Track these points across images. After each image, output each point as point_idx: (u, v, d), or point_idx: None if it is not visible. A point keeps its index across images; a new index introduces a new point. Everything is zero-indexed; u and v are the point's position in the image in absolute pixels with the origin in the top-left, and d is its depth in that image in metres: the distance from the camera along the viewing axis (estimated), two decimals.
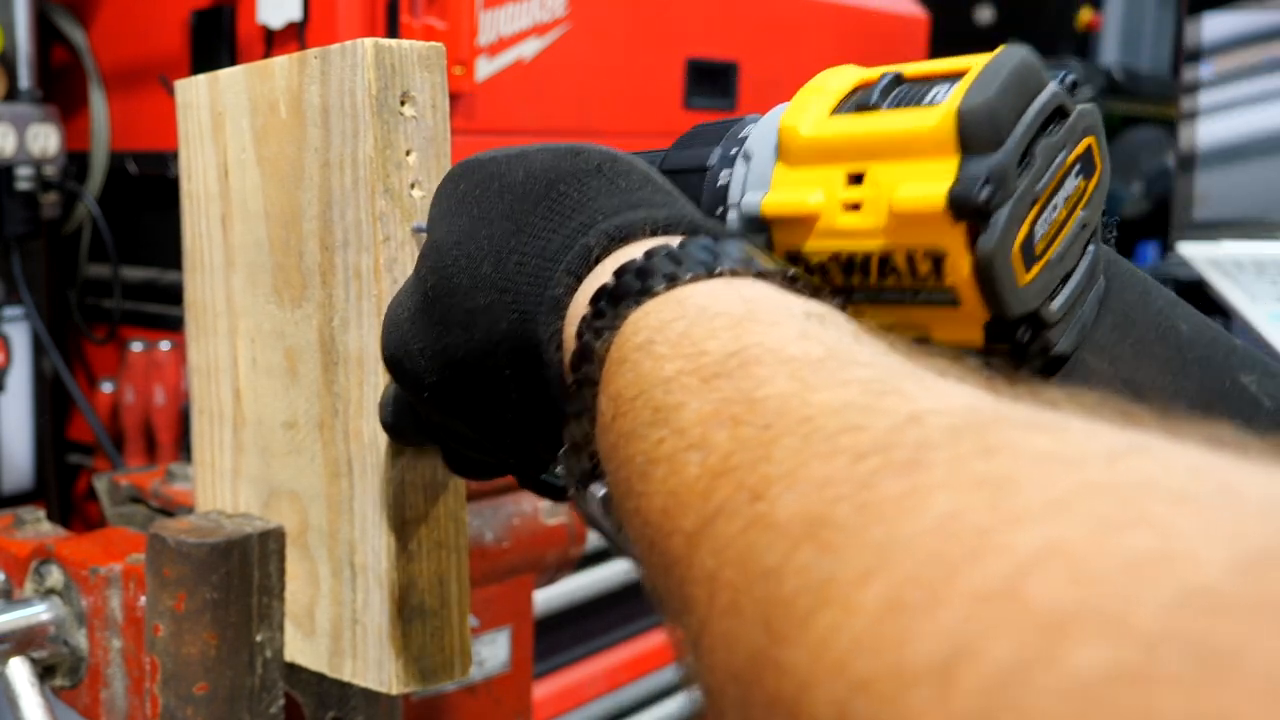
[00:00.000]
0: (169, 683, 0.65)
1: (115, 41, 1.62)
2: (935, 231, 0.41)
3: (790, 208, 0.45)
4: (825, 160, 0.44)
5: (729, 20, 1.80)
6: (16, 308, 1.53)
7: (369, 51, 0.59)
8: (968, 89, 0.40)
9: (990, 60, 0.42)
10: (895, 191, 0.41)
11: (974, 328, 0.42)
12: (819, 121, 0.45)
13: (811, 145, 0.44)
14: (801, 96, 0.46)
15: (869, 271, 0.43)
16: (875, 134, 0.43)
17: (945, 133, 0.40)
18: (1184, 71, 2.02)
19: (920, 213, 0.41)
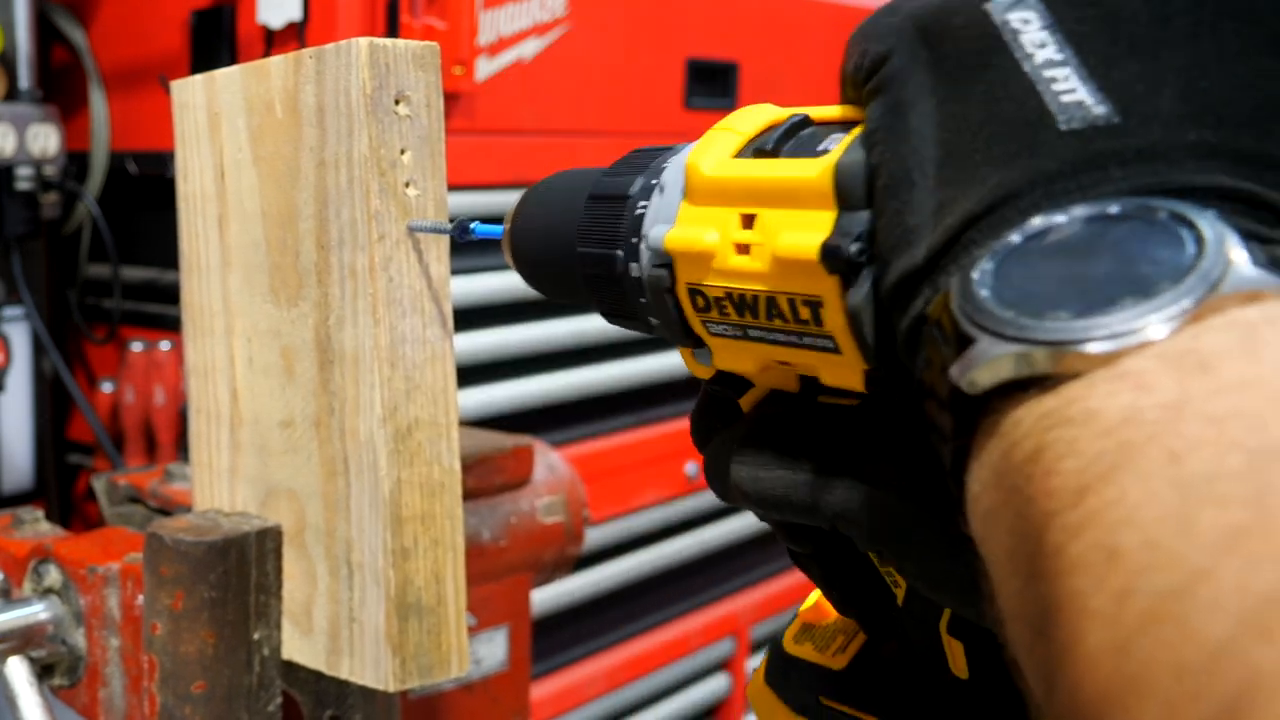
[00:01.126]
0: (167, 681, 0.65)
1: (115, 41, 1.63)
2: (811, 280, 0.41)
3: (688, 244, 0.46)
4: (722, 201, 0.45)
5: (729, 20, 1.80)
6: (16, 308, 1.53)
7: (363, 51, 0.59)
8: (849, 143, 0.41)
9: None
10: (778, 238, 0.42)
11: (855, 375, 0.43)
12: (719, 162, 0.46)
13: (710, 185, 0.45)
14: (710, 135, 0.47)
15: (758, 312, 0.44)
16: (766, 180, 0.43)
17: (823, 186, 0.41)
18: None
19: (797, 261, 0.41)
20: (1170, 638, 0.23)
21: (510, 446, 0.86)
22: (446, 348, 0.63)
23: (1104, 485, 0.26)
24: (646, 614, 1.97)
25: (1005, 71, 0.35)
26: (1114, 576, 0.25)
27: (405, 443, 0.63)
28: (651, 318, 0.48)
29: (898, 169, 0.37)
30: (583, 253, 0.51)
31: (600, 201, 0.52)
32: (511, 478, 0.86)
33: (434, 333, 0.63)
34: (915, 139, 0.36)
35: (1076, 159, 0.32)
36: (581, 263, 0.52)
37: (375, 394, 0.62)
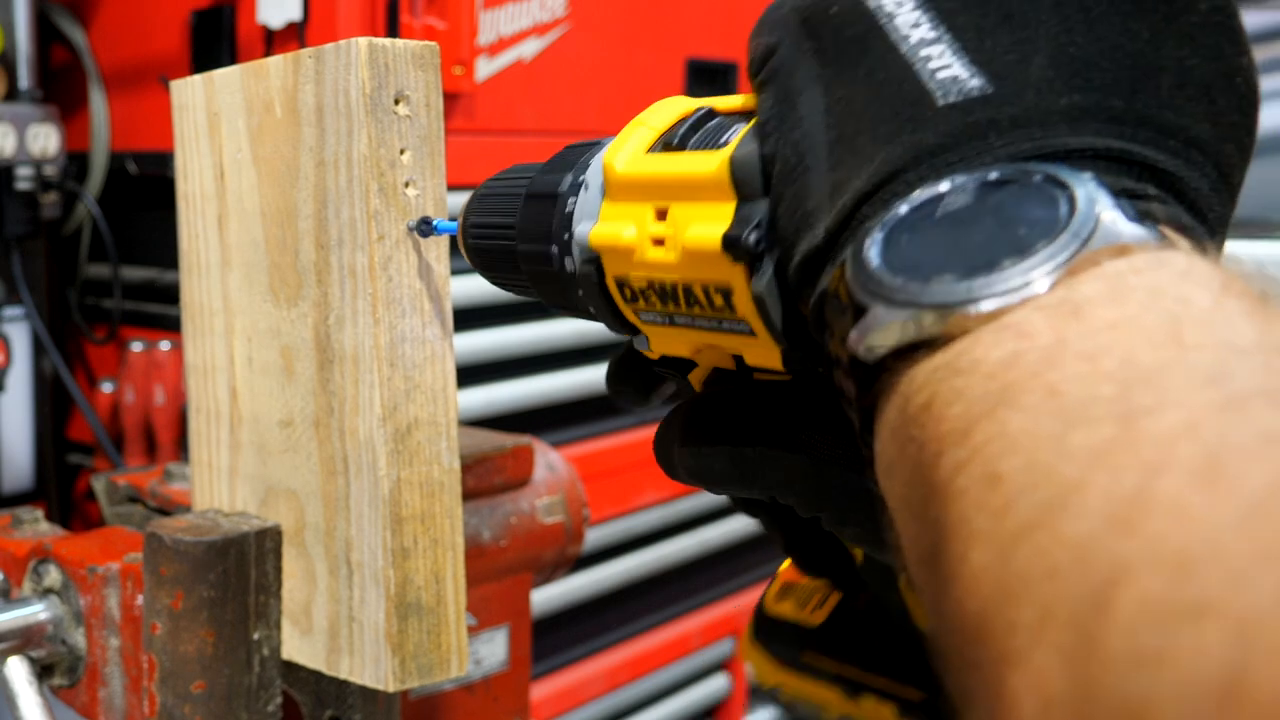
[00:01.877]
0: (167, 681, 0.65)
1: (115, 41, 1.63)
2: (718, 269, 0.43)
3: (610, 240, 0.47)
4: (636, 197, 0.47)
5: (729, 20, 1.80)
6: (16, 308, 1.53)
7: (363, 50, 0.59)
8: (744, 135, 0.42)
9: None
10: (686, 230, 0.44)
11: (774, 355, 0.44)
12: (632, 158, 0.47)
13: (624, 182, 0.47)
14: (626, 130, 0.48)
15: (679, 300, 0.46)
16: (672, 175, 0.45)
17: (721, 178, 0.42)
18: None
19: (703, 252, 0.43)
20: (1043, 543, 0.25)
21: (510, 446, 0.86)
22: (446, 347, 0.63)
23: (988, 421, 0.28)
24: (646, 614, 1.97)
25: (883, 54, 0.36)
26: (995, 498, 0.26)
27: (405, 442, 0.63)
28: (590, 308, 0.50)
29: (791, 156, 0.38)
30: (523, 250, 0.53)
31: (535, 200, 0.53)
32: (511, 477, 0.86)
33: (433, 332, 0.63)
34: (806, 125, 0.38)
35: (956, 131, 0.34)
36: (523, 260, 0.53)
37: (375, 393, 0.62)
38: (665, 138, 0.47)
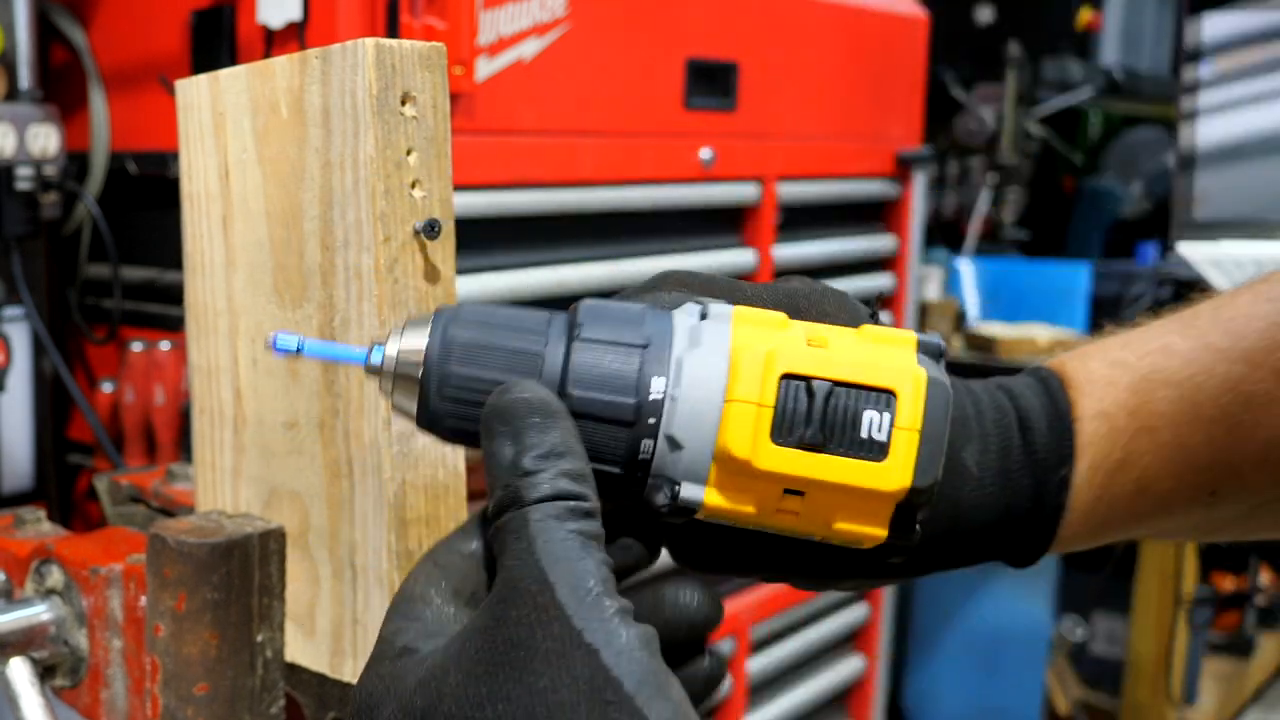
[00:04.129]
0: (170, 683, 0.65)
1: (115, 41, 1.62)
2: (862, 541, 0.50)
3: (729, 515, 0.49)
4: (770, 482, 0.48)
5: (729, 20, 1.80)
6: (16, 308, 1.53)
7: (370, 51, 0.59)
8: (915, 464, 0.47)
9: (923, 414, 0.48)
10: (834, 520, 0.49)
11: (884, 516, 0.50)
12: (764, 450, 0.48)
13: (760, 473, 0.48)
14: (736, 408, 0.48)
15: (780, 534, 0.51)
16: (826, 477, 0.48)
17: (897, 496, 0.48)
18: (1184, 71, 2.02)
19: (859, 540, 0.49)
20: None
21: None
22: None
23: None
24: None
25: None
26: None
27: (409, 445, 0.63)
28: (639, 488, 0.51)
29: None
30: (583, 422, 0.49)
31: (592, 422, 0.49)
32: None
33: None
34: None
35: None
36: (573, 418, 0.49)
37: (379, 396, 0.62)
38: (788, 418, 0.48)
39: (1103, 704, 2.81)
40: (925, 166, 2.25)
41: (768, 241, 1.90)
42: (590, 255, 1.65)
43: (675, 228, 1.78)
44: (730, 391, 0.47)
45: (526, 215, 1.55)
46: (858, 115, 2.09)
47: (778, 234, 1.92)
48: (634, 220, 1.71)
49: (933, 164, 2.72)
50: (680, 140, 1.74)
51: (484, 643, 0.44)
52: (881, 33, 2.14)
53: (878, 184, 2.16)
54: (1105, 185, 3.43)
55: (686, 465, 0.48)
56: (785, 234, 1.94)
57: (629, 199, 1.68)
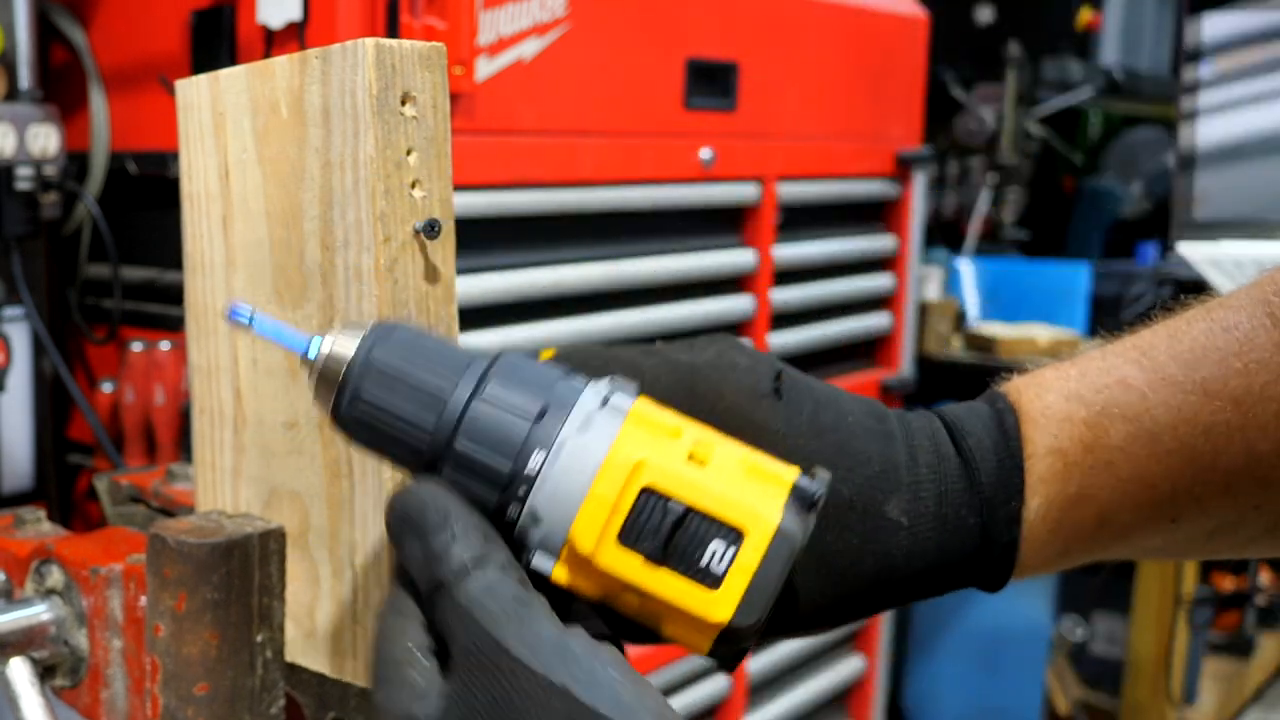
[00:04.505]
0: (170, 683, 0.65)
1: (115, 41, 1.62)
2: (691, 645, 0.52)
3: (576, 589, 0.52)
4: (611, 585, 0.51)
5: (729, 20, 1.80)
6: (16, 308, 1.53)
7: (370, 51, 0.59)
8: (739, 602, 0.50)
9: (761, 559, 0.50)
10: (664, 625, 0.51)
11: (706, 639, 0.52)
12: (607, 550, 0.50)
13: (598, 570, 0.51)
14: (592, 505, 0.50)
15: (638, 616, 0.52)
16: (656, 590, 0.50)
17: (717, 627, 0.50)
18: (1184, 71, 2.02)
19: (684, 644, 0.52)
20: None
21: None
22: None
23: None
24: None
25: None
26: None
27: None
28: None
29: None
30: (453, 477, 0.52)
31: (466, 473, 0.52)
32: None
33: (439, 335, 0.63)
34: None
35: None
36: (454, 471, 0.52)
37: None
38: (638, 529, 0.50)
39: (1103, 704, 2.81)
40: (925, 166, 2.25)
41: (768, 241, 1.90)
42: (590, 255, 1.65)
43: (675, 228, 1.78)
44: (593, 488, 0.50)
45: (526, 215, 1.55)
46: (858, 115, 2.09)
47: (778, 234, 1.92)
48: (634, 220, 1.71)
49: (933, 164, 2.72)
50: (680, 140, 1.74)
51: (466, 711, 0.47)
52: (881, 33, 2.14)
53: (878, 184, 2.16)
54: (1105, 185, 3.43)
55: (543, 538, 0.51)
56: (785, 234, 1.94)
57: (629, 199, 1.68)
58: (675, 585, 0.50)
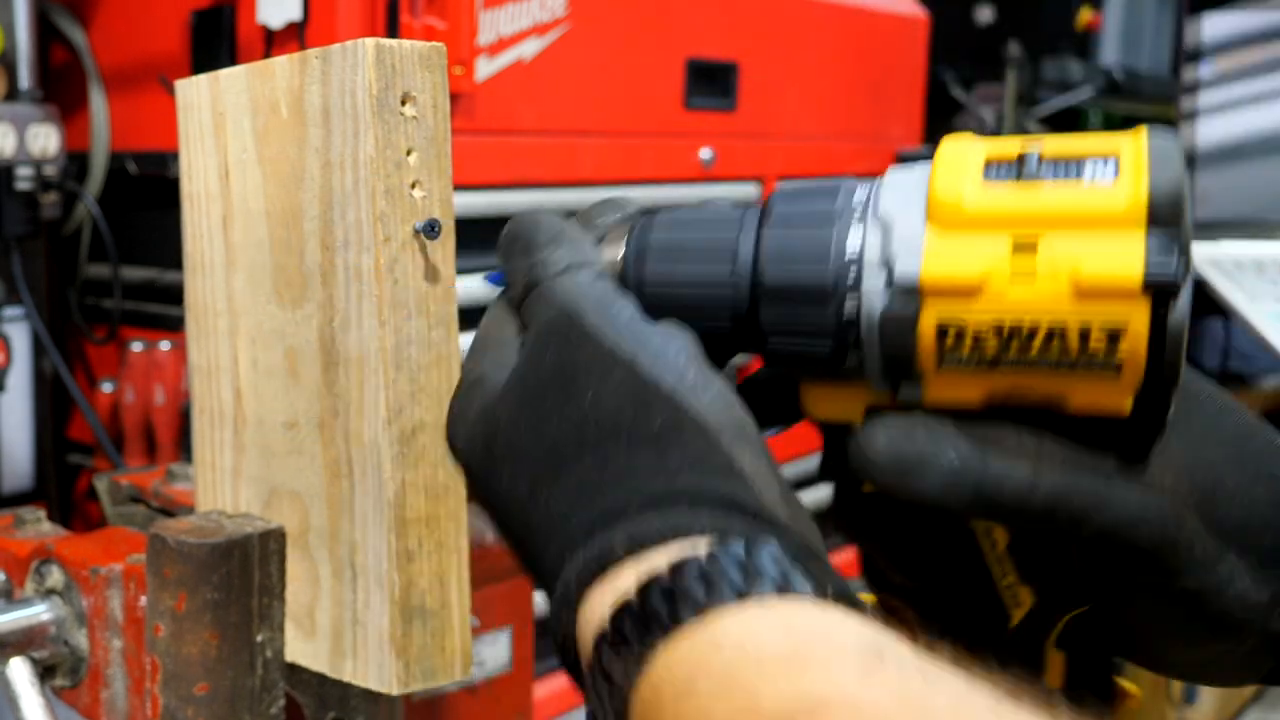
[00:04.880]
0: (170, 683, 0.65)
1: (115, 41, 1.62)
2: (1123, 306, 0.41)
3: (953, 279, 0.43)
4: (988, 227, 0.43)
5: (729, 20, 1.80)
6: (16, 308, 1.53)
7: (370, 51, 0.59)
8: (1150, 169, 0.41)
9: (1150, 141, 0.42)
10: (1080, 266, 0.41)
11: (1125, 396, 0.42)
12: (980, 189, 0.43)
13: (977, 214, 0.43)
14: (939, 164, 0.45)
15: (1032, 343, 0.42)
16: (1052, 205, 0.42)
17: (1137, 210, 0.40)
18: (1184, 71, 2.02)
19: (1111, 287, 0.40)
20: None
21: None
22: (452, 350, 0.63)
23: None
24: None
25: None
26: None
27: (409, 445, 0.63)
28: (857, 358, 0.46)
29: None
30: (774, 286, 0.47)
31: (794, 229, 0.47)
32: None
33: (439, 335, 0.63)
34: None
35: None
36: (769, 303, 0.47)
37: (379, 396, 0.62)
38: (1004, 170, 0.43)
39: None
40: None
41: None
42: None
43: None
44: (937, 164, 0.45)
45: None
46: (857, 115, 2.09)
47: None
48: None
49: None
50: (680, 140, 1.74)
51: (529, 372, 0.47)
52: (881, 33, 2.14)
53: None
54: None
55: (899, 243, 0.44)
56: None
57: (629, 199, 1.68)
58: (1068, 195, 0.42)
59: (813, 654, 0.35)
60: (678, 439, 0.44)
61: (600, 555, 0.42)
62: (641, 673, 0.38)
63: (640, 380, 0.45)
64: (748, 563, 0.39)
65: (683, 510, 0.42)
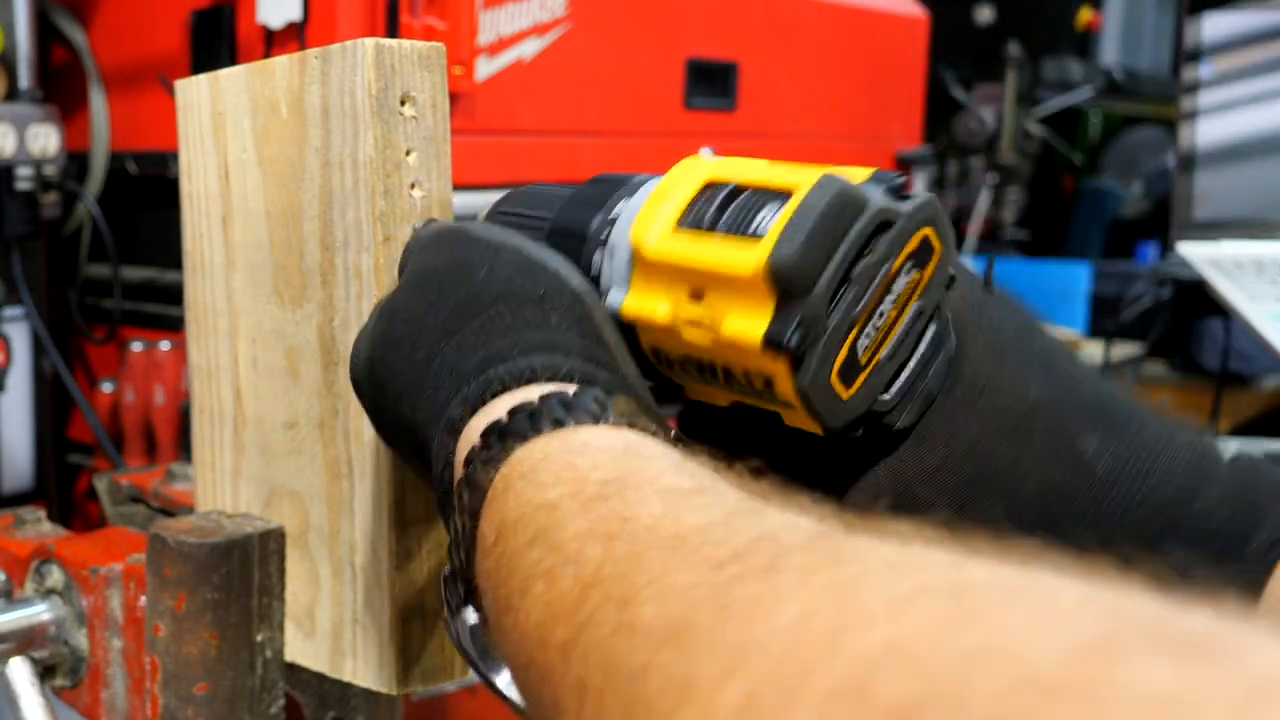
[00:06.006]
0: (169, 683, 0.65)
1: (115, 41, 1.62)
2: (759, 361, 0.45)
3: (643, 316, 0.49)
4: (669, 279, 0.48)
5: (729, 20, 1.80)
6: (16, 308, 1.53)
7: (369, 51, 0.59)
8: (778, 238, 0.44)
9: (803, 198, 0.44)
10: (723, 321, 0.46)
11: (814, 426, 0.46)
12: (663, 236, 0.48)
13: (655, 262, 0.48)
14: (653, 201, 0.49)
15: (717, 376, 0.48)
16: (707, 264, 0.46)
17: (759, 280, 0.44)
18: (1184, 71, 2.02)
19: (742, 345, 0.45)
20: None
21: None
22: None
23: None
24: None
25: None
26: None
27: None
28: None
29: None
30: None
31: (561, 236, 0.54)
32: None
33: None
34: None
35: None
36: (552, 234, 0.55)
37: None
38: (695, 213, 0.48)
39: None
40: (925, 166, 2.25)
41: None
42: None
43: None
44: (655, 190, 0.50)
45: None
46: (857, 115, 2.09)
47: None
48: None
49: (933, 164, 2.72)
50: (680, 140, 1.74)
51: (421, 271, 0.54)
52: (881, 33, 2.14)
53: None
54: (1105, 185, 3.43)
55: (615, 270, 0.51)
56: None
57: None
58: (722, 250, 0.45)
59: (641, 452, 0.40)
60: (559, 303, 0.50)
61: (482, 387, 0.47)
62: (499, 468, 0.43)
63: (526, 257, 0.52)
64: (605, 400, 0.44)
65: (559, 357, 0.48)
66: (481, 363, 0.49)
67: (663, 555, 0.32)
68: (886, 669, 0.24)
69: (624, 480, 0.37)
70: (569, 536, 0.36)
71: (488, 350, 0.49)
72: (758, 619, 0.27)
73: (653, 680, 0.28)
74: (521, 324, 0.50)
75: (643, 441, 0.42)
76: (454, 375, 0.49)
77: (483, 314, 0.50)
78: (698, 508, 0.34)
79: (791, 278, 0.43)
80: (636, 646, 0.30)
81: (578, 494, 0.38)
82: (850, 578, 0.27)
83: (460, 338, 0.50)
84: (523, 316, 0.50)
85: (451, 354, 0.50)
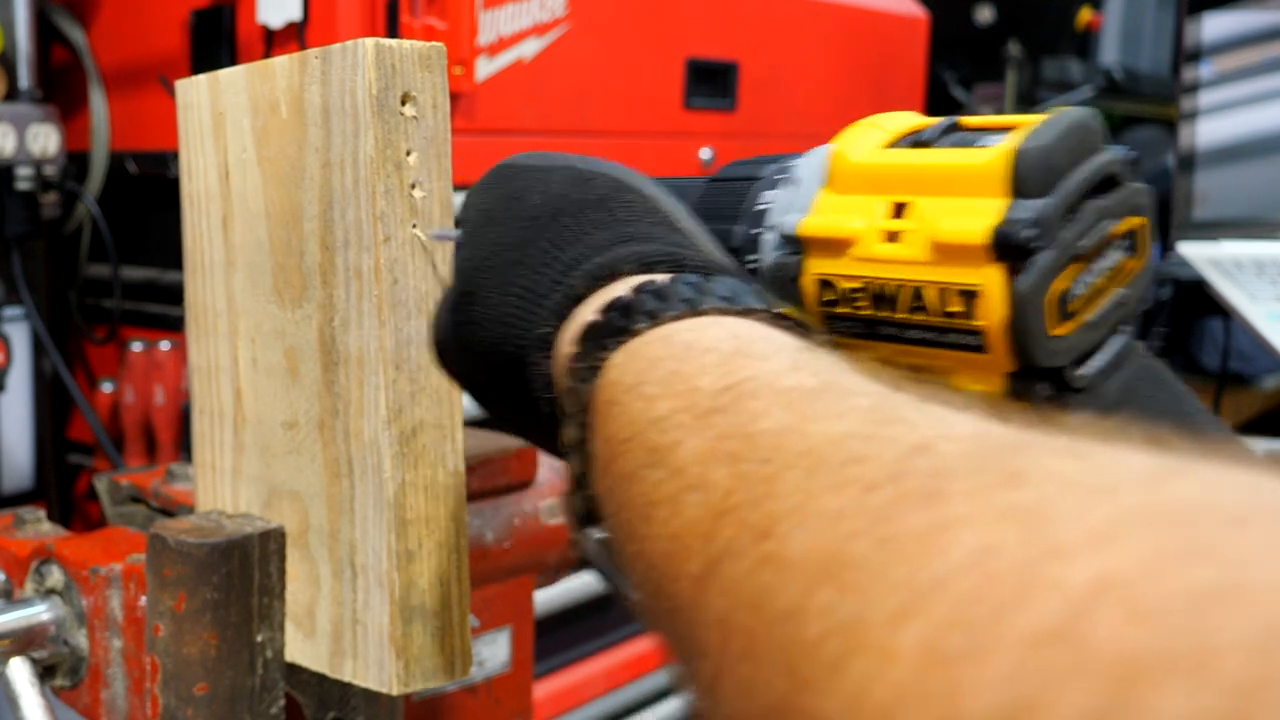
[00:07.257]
0: (169, 683, 0.65)
1: (115, 41, 1.62)
2: (973, 266, 0.41)
3: (827, 230, 0.45)
4: (871, 189, 0.45)
5: (729, 20, 1.80)
6: (16, 308, 1.53)
7: (370, 51, 0.59)
8: (1027, 134, 0.41)
9: (1050, 114, 0.42)
10: (938, 224, 0.42)
11: (996, 376, 0.42)
12: (871, 151, 0.46)
13: (860, 172, 0.45)
14: (855, 129, 0.47)
15: (898, 304, 0.43)
16: (926, 167, 0.43)
17: (998, 171, 0.41)
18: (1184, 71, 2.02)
19: (961, 245, 0.41)
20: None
21: (514, 448, 0.86)
22: None
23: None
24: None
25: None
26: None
27: (410, 445, 0.63)
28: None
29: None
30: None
31: (724, 183, 0.53)
32: (515, 479, 0.86)
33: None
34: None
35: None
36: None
37: (380, 396, 0.62)
38: (909, 138, 0.46)
39: None
40: None
41: None
42: None
43: None
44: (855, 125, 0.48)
45: None
46: (858, 115, 2.09)
47: None
48: None
49: None
50: (680, 140, 1.74)
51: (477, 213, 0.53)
52: (881, 33, 2.14)
53: None
54: None
55: (795, 200, 0.49)
56: None
57: None
58: (947, 154, 0.43)
59: (752, 350, 0.36)
60: (622, 200, 0.49)
61: (564, 296, 0.46)
62: (601, 376, 0.40)
63: (579, 170, 0.52)
64: (702, 284, 0.41)
65: (635, 246, 0.46)
66: (558, 276, 0.47)
67: (800, 477, 0.28)
68: (1101, 611, 0.20)
69: (739, 388, 0.33)
70: (689, 458, 0.33)
71: (559, 264, 0.47)
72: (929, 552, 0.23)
73: (812, 622, 0.25)
74: (589, 227, 0.48)
75: (751, 332, 0.38)
76: (531, 298, 0.48)
77: (545, 234, 0.49)
78: (828, 415, 0.30)
79: (1042, 167, 0.40)
80: (787, 584, 0.26)
81: (690, 406, 0.34)
82: (1031, 501, 0.23)
83: (529, 262, 0.48)
84: (588, 221, 0.48)
85: (525, 278, 0.48)
